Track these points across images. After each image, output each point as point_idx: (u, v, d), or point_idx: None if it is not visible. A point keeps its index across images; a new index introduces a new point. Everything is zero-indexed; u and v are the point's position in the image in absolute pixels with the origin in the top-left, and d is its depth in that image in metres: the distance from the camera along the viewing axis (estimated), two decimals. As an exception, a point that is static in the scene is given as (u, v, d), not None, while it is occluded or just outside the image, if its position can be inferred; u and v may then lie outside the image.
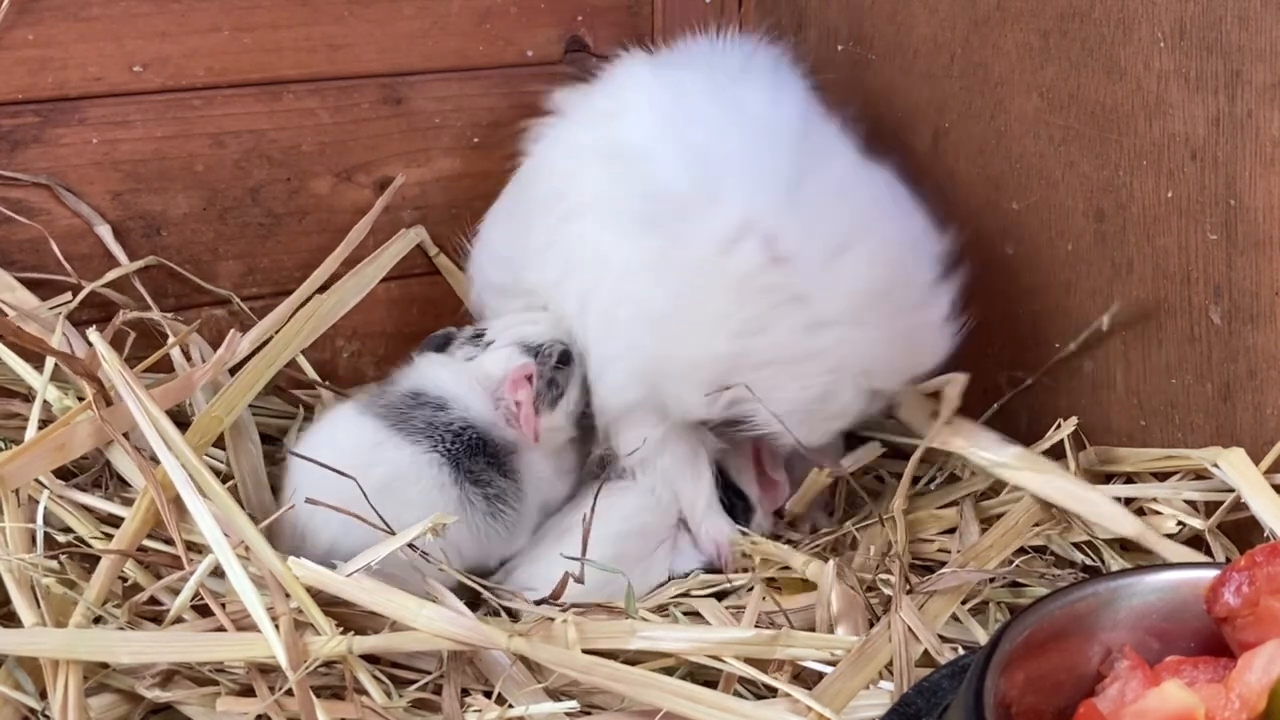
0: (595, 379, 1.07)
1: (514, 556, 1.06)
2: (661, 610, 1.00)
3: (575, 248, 1.08)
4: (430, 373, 1.08)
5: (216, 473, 0.99)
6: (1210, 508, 0.99)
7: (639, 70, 1.14)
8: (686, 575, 1.06)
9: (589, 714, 0.85)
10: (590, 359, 1.07)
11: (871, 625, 0.92)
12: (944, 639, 0.90)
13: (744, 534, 1.08)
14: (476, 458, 1.03)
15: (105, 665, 0.86)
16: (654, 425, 1.06)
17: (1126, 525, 0.99)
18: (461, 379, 1.07)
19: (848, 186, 1.03)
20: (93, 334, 0.98)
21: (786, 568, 1.02)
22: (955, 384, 1.05)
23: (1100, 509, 1.01)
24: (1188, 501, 1.01)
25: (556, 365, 1.08)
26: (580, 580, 0.95)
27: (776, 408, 1.00)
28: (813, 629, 0.93)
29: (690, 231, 1.00)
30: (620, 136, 1.08)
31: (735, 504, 1.11)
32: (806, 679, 0.87)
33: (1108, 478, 1.07)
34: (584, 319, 1.07)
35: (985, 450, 1.06)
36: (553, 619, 0.87)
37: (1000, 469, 1.05)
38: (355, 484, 0.93)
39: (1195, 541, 1.00)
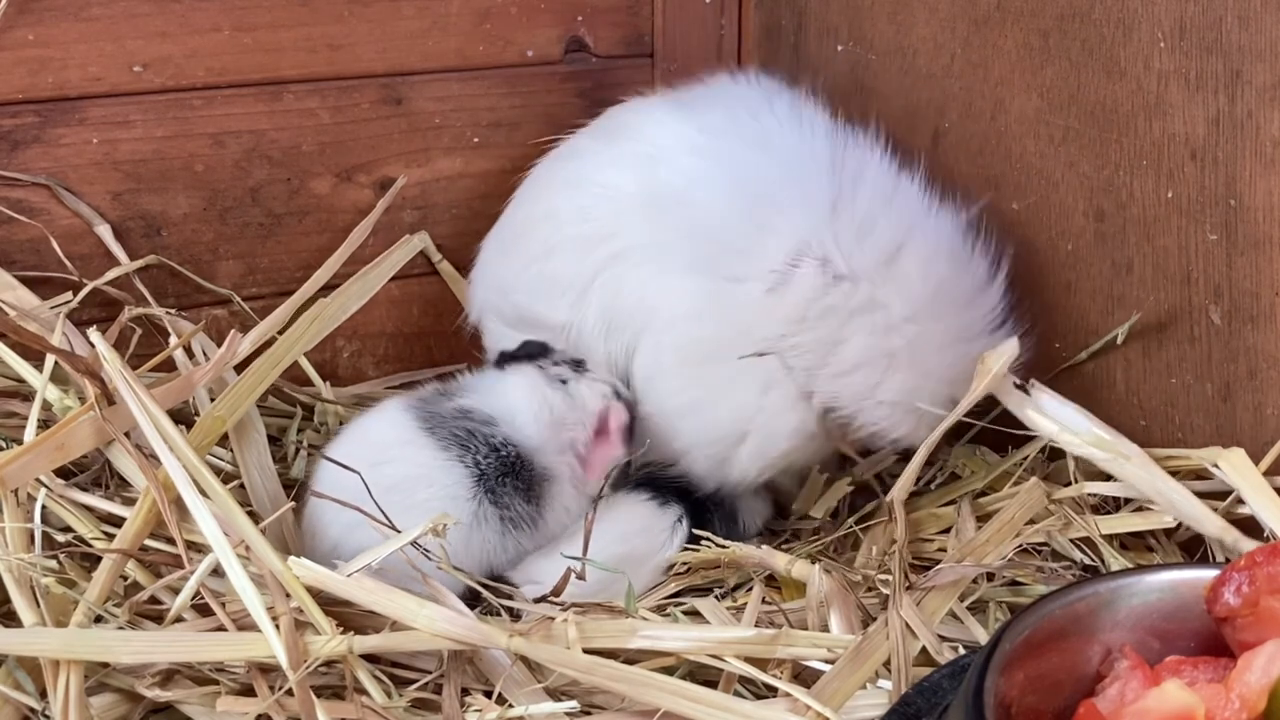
0: (662, 436, 1.08)
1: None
2: (661, 610, 1.00)
3: (627, 296, 1.08)
4: (498, 390, 1.06)
5: (219, 472, 1.00)
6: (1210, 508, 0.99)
7: (666, 112, 1.15)
8: None
9: (589, 714, 0.85)
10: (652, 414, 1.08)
11: (867, 624, 0.92)
12: (943, 638, 0.90)
13: (718, 543, 1.05)
14: (505, 478, 1.02)
15: (105, 665, 0.86)
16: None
17: (1209, 524, 0.96)
18: (533, 395, 1.05)
19: (886, 196, 1.06)
20: (93, 333, 0.98)
21: (771, 575, 1.02)
22: (999, 355, 1.01)
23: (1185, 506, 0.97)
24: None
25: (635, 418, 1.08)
26: (582, 576, 0.95)
27: (879, 406, 1.01)
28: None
29: (747, 270, 1.02)
30: (661, 182, 1.08)
31: (713, 512, 1.11)
32: (807, 678, 0.87)
33: (1108, 477, 1.07)
34: (641, 369, 1.08)
35: (1067, 426, 1.01)
36: (553, 618, 0.87)
37: (1076, 446, 1.01)
38: (361, 481, 0.93)
39: (1195, 541, 1.00)
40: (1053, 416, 1.01)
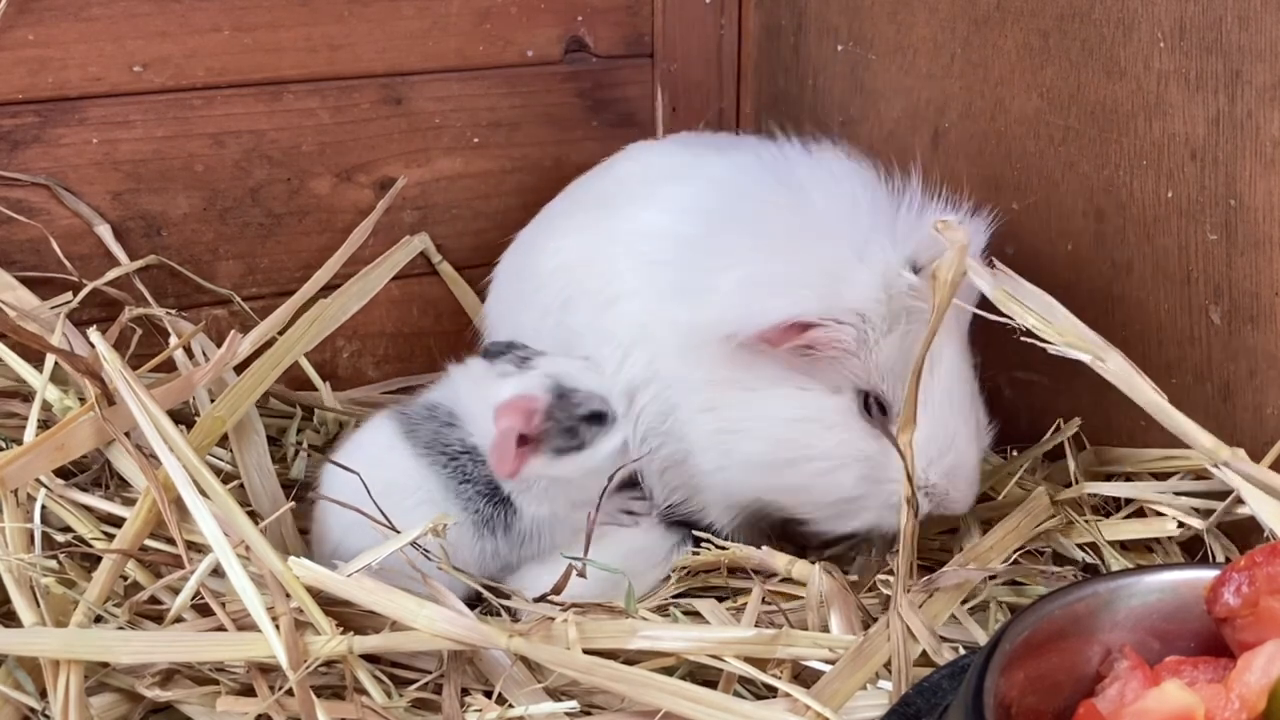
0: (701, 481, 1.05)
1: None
2: (661, 610, 1.00)
3: (654, 359, 1.04)
4: (456, 384, 1.06)
5: (219, 472, 1.00)
6: (1210, 508, 0.99)
7: (672, 161, 1.14)
8: None
9: (589, 714, 0.85)
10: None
11: (867, 625, 0.92)
12: (944, 639, 0.90)
13: (718, 544, 1.04)
14: (465, 484, 1.01)
15: (105, 665, 0.86)
16: None
17: (1203, 439, 0.89)
18: (479, 394, 1.03)
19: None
20: (93, 333, 0.99)
21: (772, 574, 1.02)
22: (949, 261, 0.91)
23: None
24: (1193, 507, 1.01)
25: (584, 418, 1.02)
26: (583, 574, 0.95)
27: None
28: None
29: (764, 322, 0.96)
30: (672, 237, 1.04)
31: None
32: (806, 678, 0.87)
33: (1108, 477, 1.07)
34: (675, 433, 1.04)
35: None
36: (553, 619, 0.87)
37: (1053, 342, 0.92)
38: (362, 486, 0.93)
39: (1195, 542, 1.00)
40: (1030, 304, 0.93)
